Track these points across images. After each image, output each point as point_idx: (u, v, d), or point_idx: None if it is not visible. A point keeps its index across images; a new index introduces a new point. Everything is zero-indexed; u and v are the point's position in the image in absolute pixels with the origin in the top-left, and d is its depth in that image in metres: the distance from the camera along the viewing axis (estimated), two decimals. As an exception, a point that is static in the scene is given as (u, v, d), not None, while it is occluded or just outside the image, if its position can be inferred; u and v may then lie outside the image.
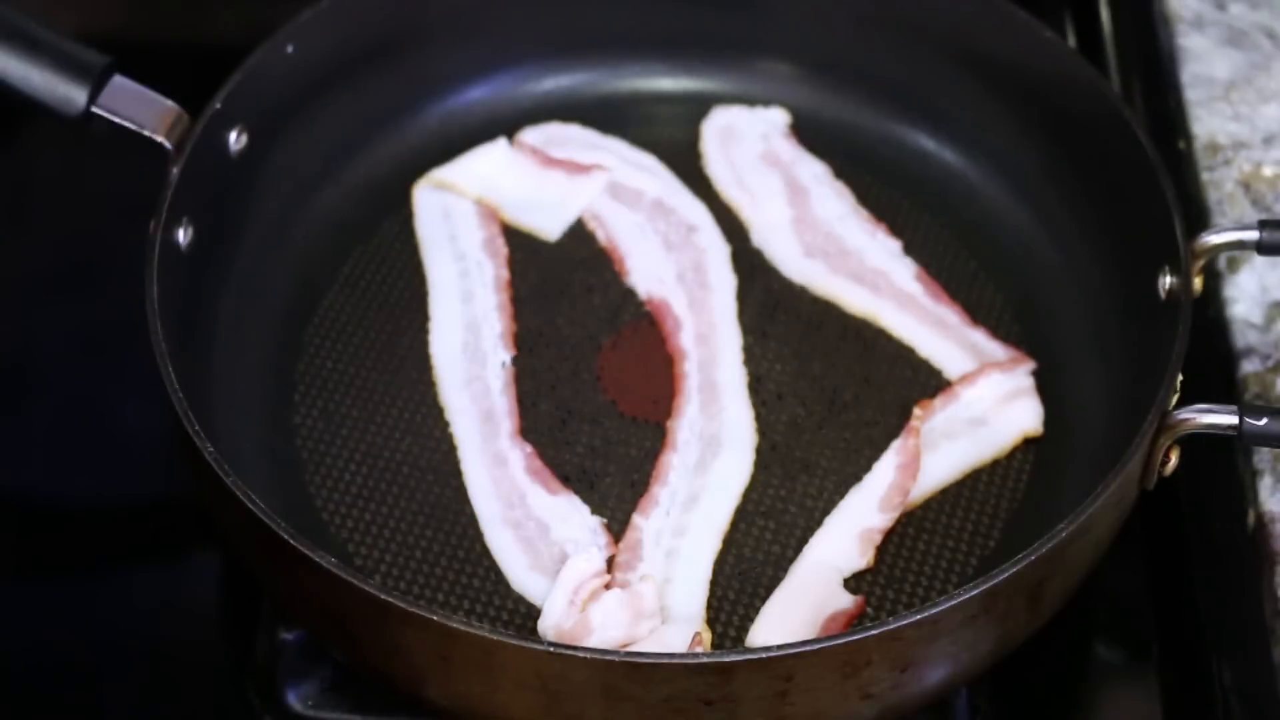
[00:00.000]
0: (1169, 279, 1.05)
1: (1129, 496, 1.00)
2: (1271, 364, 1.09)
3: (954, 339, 1.14)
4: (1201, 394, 1.00)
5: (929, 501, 1.07)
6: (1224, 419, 0.98)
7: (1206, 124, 1.21)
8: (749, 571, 1.04)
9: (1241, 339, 1.10)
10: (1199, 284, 1.05)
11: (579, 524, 1.06)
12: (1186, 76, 1.23)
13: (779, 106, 1.25)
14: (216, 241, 1.11)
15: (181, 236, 1.07)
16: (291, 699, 1.03)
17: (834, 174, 1.22)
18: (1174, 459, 1.01)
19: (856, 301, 1.16)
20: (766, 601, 1.02)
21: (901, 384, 1.13)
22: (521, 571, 1.04)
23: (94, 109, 1.07)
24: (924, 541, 1.06)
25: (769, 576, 1.04)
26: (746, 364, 1.13)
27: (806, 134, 1.24)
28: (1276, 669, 0.99)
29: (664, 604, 1.02)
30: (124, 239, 1.08)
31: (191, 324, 1.07)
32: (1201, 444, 1.01)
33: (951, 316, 1.15)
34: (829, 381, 1.13)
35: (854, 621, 1.02)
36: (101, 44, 1.10)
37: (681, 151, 1.24)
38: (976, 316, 1.16)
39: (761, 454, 1.09)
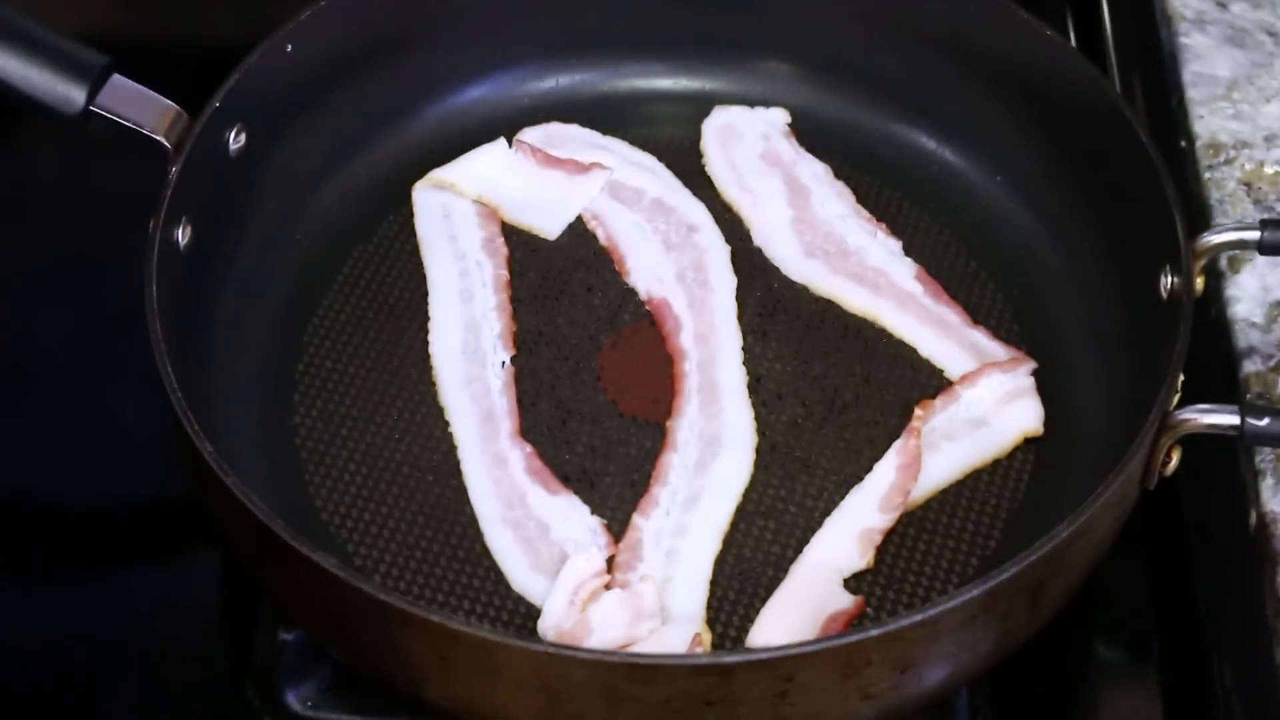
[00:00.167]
0: (1170, 279, 1.05)
1: (1130, 496, 1.00)
2: (1273, 364, 1.09)
3: (954, 339, 1.14)
4: (1203, 394, 1.00)
5: (929, 502, 1.07)
6: (1225, 419, 0.98)
7: (1208, 123, 1.20)
8: (749, 571, 1.04)
9: (1243, 339, 1.10)
10: (1200, 284, 1.04)
11: (579, 524, 1.05)
12: (1188, 75, 1.23)
13: (779, 106, 1.25)
14: (216, 241, 1.11)
15: (181, 236, 1.07)
16: (291, 699, 1.03)
17: (834, 174, 1.22)
18: (1175, 459, 1.01)
19: (857, 301, 1.16)
20: (766, 602, 1.02)
21: (902, 384, 1.12)
22: (521, 571, 1.04)
23: (93, 108, 1.07)
24: (924, 542, 1.06)
25: (769, 576, 1.04)
26: (746, 364, 1.13)
27: (806, 134, 1.24)
28: (1278, 669, 0.99)
29: (664, 604, 1.02)
30: (123, 239, 1.08)
31: (191, 324, 1.07)
32: (1203, 444, 1.01)
33: (952, 316, 1.15)
34: (829, 381, 1.13)
35: (854, 622, 1.02)
36: (101, 44, 1.10)
37: (681, 151, 1.24)
38: (977, 316, 1.15)
39: (761, 454, 1.09)
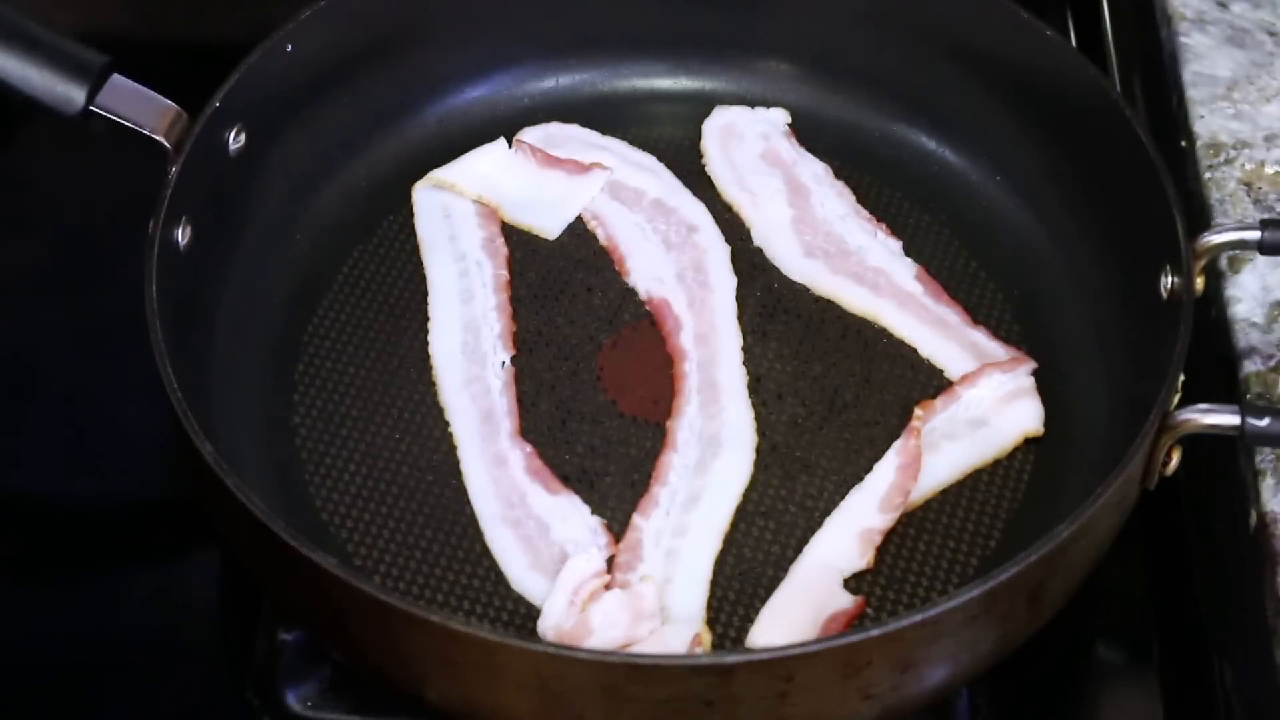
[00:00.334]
0: (1170, 279, 1.04)
1: (1130, 496, 1.00)
2: (1273, 364, 1.09)
3: (954, 339, 1.14)
4: (1203, 394, 1.00)
5: (929, 502, 1.07)
6: (1226, 419, 0.97)
7: (1208, 123, 1.20)
8: (749, 571, 1.04)
9: (1243, 339, 1.10)
10: (1200, 283, 1.04)
11: (579, 524, 1.05)
12: (1188, 75, 1.23)
13: (779, 106, 1.25)
14: (216, 241, 1.11)
15: (180, 236, 1.07)
16: (291, 699, 1.03)
17: (834, 174, 1.22)
18: (1175, 459, 1.01)
19: (857, 301, 1.16)
20: (766, 602, 1.02)
21: (902, 384, 1.12)
22: (521, 571, 1.04)
23: (93, 108, 1.07)
24: (924, 542, 1.05)
25: (769, 576, 1.04)
26: (746, 364, 1.13)
27: (806, 134, 1.24)
28: (1278, 669, 0.99)
29: (664, 604, 1.02)
30: (124, 238, 1.08)
31: (191, 324, 1.07)
32: (1203, 444, 1.01)
33: (952, 316, 1.15)
34: (829, 381, 1.13)
35: (854, 622, 1.01)
36: (101, 44, 1.10)
37: (681, 151, 1.24)
38: (977, 316, 1.15)
39: (761, 454, 1.09)
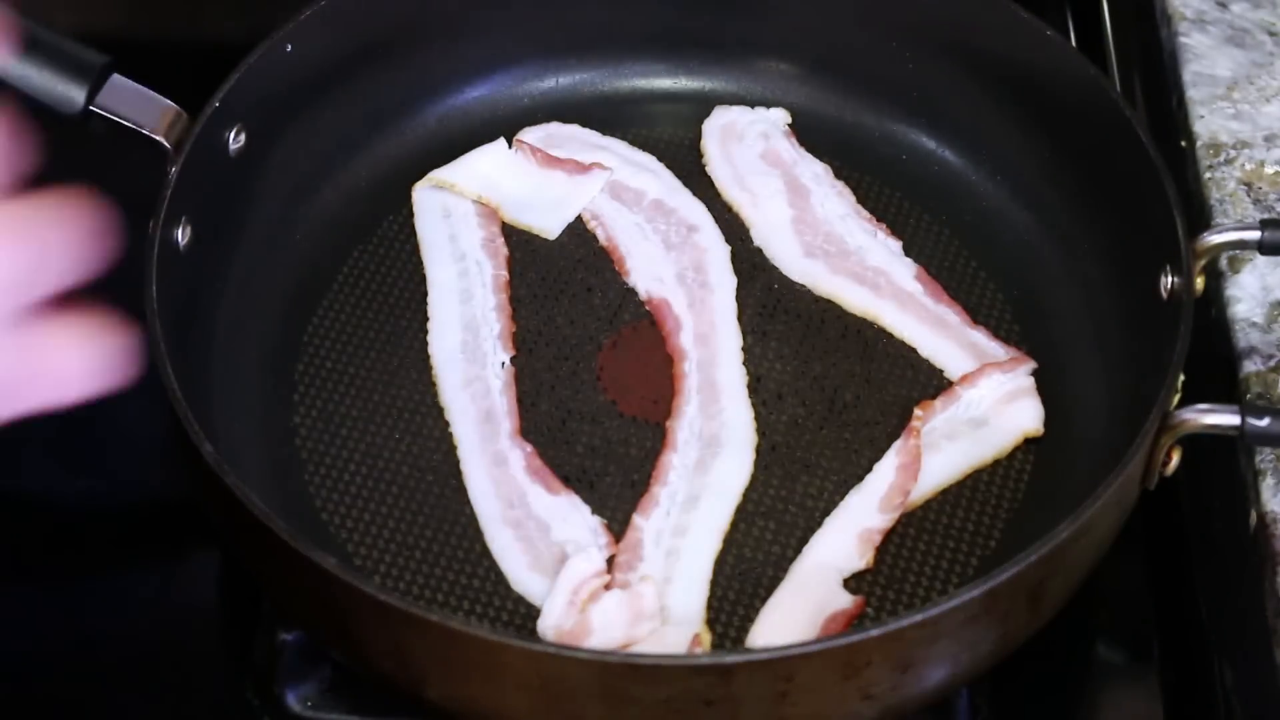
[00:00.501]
0: (1170, 278, 1.04)
1: (1130, 497, 1.00)
2: (1273, 364, 1.09)
3: (954, 339, 1.14)
4: (1203, 394, 1.00)
5: (929, 502, 1.07)
6: (1226, 419, 0.97)
7: (1208, 123, 1.20)
8: (749, 571, 1.04)
9: (1243, 339, 1.10)
10: (1200, 283, 1.04)
11: (579, 524, 1.05)
12: (1188, 75, 1.23)
13: (779, 106, 1.25)
14: (215, 241, 1.11)
15: (180, 236, 1.07)
16: (291, 700, 1.03)
17: (834, 174, 1.22)
18: (1175, 459, 1.01)
19: (857, 301, 1.16)
20: (766, 602, 1.02)
21: (902, 384, 1.12)
22: (521, 571, 1.04)
23: (93, 108, 1.07)
24: (924, 542, 1.05)
25: (769, 576, 1.04)
26: (746, 364, 1.13)
27: (806, 134, 1.24)
28: (1278, 669, 0.99)
29: (664, 604, 1.01)
30: (123, 239, 1.08)
31: (191, 324, 1.07)
32: (1203, 444, 1.01)
33: (952, 316, 1.15)
34: (829, 381, 1.13)
35: (854, 622, 1.01)
36: (101, 44, 1.09)
37: (681, 151, 1.24)
38: (977, 316, 1.15)
39: (761, 454, 1.09)
